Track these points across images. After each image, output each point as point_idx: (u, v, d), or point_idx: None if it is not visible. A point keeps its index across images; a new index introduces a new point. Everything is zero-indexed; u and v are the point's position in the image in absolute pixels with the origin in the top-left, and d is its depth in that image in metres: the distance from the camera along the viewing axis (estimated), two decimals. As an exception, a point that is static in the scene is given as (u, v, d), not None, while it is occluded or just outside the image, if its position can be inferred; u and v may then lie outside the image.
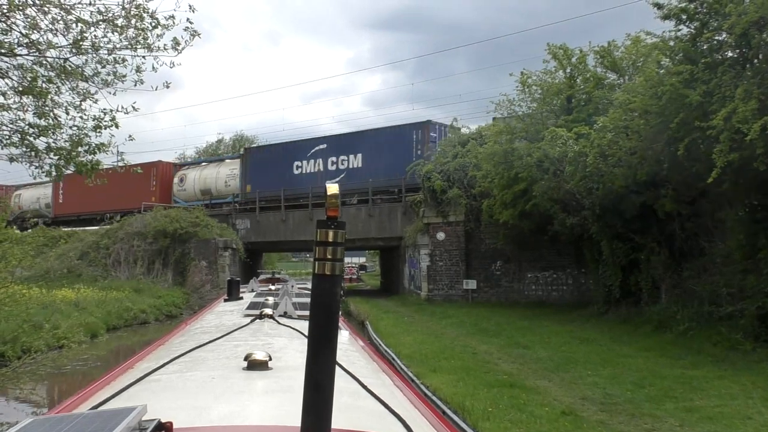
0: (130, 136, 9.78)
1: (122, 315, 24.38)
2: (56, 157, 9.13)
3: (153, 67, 9.44)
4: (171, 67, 9.54)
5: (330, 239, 1.51)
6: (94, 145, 9.02)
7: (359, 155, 32.86)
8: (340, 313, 1.87)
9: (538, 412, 8.30)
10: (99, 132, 9.08)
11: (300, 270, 67.75)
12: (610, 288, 17.76)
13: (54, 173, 9.34)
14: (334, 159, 33.86)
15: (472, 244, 25.47)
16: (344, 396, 2.23)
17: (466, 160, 24.90)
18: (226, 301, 6.29)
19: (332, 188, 1.52)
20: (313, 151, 34.83)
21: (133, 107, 9.77)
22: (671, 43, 13.92)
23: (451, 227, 25.54)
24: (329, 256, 1.51)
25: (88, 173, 9.23)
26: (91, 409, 2.14)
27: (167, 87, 9.31)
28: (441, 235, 25.64)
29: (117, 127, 9.07)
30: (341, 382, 1.96)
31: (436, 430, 2.28)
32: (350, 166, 33.23)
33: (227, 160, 40.78)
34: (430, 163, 26.07)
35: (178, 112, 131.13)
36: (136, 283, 31.06)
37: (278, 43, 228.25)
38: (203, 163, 42.82)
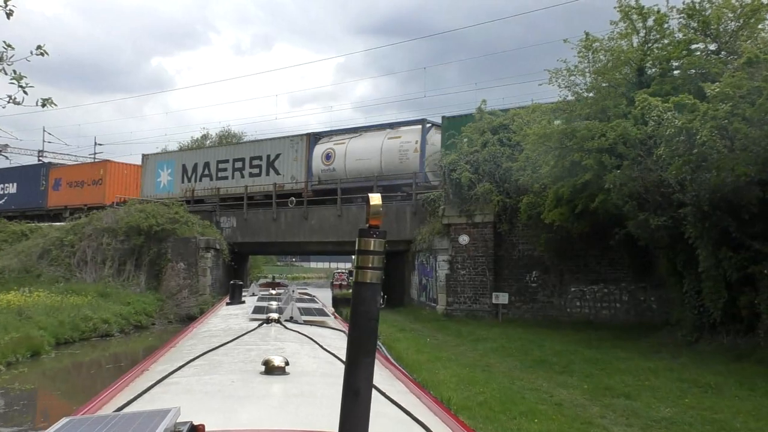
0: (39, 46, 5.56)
1: (78, 326, 20.09)
2: None
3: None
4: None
5: (371, 248, 1.47)
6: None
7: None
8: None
9: None
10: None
11: (286, 275, 63.86)
12: (702, 309, 13.72)
13: None
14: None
15: (502, 250, 21.28)
16: None
17: (498, 149, 20.84)
18: (228, 304, 6.24)
19: (375, 198, 1.47)
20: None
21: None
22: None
23: (477, 229, 21.36)
24: (370, 265, 1.47)
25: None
26: (115, 410, 2.09)
27: None
28: (464, 239, 21.48)
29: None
30: None
31: None
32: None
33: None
34: (454, 153, 21.95)
35: (166, 112, 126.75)
36: (102, 286, 26.81)
37: (271, 47, 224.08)
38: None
